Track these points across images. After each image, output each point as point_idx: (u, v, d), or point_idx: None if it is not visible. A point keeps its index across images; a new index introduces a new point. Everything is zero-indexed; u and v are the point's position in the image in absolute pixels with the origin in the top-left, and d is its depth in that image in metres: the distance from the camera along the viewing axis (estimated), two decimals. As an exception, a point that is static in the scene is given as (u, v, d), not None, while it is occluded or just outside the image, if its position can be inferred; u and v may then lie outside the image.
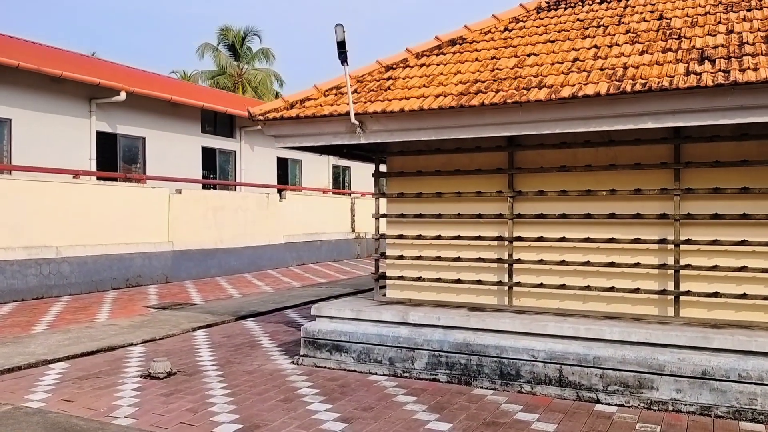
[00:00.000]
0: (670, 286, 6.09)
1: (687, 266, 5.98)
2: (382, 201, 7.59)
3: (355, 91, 6.99)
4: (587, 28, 6.85)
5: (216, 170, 18.99)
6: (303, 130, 6.86)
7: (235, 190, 19.30)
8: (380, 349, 6.63)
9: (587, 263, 6.38)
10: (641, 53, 5.94)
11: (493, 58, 6.80)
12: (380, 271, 7.44)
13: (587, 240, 6.37)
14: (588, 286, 6.38)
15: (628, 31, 6.50)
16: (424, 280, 7.15)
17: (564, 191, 6.45)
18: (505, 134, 5.93)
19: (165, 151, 17.21)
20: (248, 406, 5.52)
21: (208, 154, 18.87)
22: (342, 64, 6.27)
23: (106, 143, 15.61)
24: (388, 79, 7.07)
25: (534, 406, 5.52)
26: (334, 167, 24.27)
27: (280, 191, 19.74)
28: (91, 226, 13.08)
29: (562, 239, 6.48)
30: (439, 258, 7.07)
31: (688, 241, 5.99)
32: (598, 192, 6.31)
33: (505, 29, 7.50)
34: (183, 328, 9.04)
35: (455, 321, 6.37)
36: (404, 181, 7.29)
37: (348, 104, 6.57)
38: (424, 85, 6.62)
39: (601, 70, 5.81)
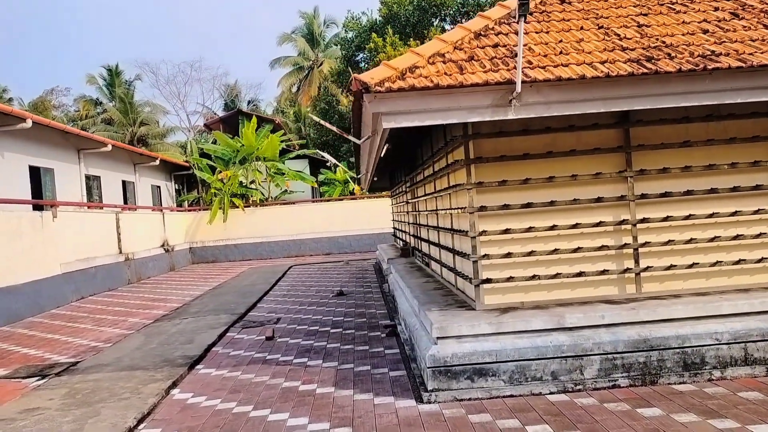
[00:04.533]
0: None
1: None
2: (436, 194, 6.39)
3: (471, 58, 5.76)
4: (673, 5, 6.79)
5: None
6: (430, 104, 5.37)
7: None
8: (539, 363, 5.57)
9: (716, 239, 6.30)
10: None
11: (604, 27, 6.28)
12: (481, 274, 6.26)
13: (714, 215, 6.29)
14: (718, 261, 6.31)
15: (717, 9, 6.62)
16: (540, 278, 6.24)
17: (687, 167, 6.26)
18: (684, 104, 5.49)
19: None
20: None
21: (-48, 164, 13.79)
22: (518, 20, 5.06)
23: None
24: (495, 46, 6.00)
25: (758, 389, 5.23)
26: (87, 177, 20.07)
27: (37, 208, 15.54)
28: None
29: (688, 217, 6.29)
30: (555, 251, 6.24)
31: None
32: (720, 166, 6.28)
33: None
34: (153, 393, 6.38)
35: (622, 317, 5.70)
36: (503, 167, 6.25)
37: (489, 71, 5.39)
38: (561, 52, 5.78)
39: (763, 40, 5.78)
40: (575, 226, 6.24)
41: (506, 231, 6.22)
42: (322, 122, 6.75)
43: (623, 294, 6.32)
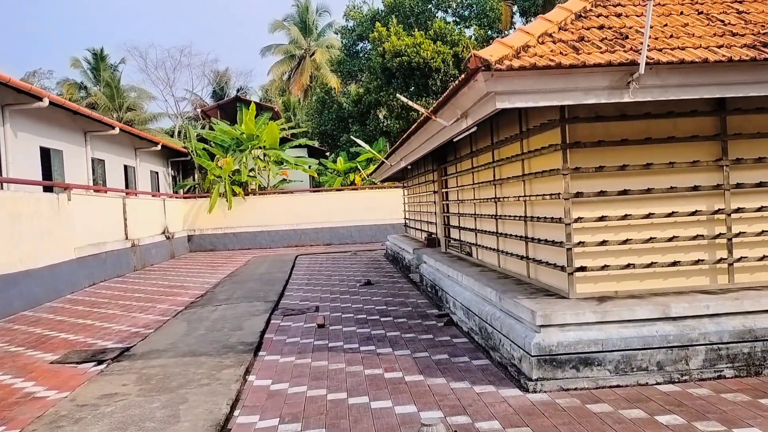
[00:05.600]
0: None
1: None
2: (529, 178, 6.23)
3: (582, 39, 5.61)
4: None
5: (-21, 164, 13.49)
6: (547, 84, 5.21)
7: (2, 188, 14.07)
8: (645, 353, 5.46)
9: (810, 230, 6.24)
10: None
11: (704, 13, 6.17)
12: (575, 262, 6.12)
13: (810, 206, 6.23)
14: (811, 253, 6.25)
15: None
16: (634, 267, 6.13)
17: (783, 157, 6.20)
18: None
19: None
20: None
21: (-31, 142, 13.27)
22: (648, -1, 4.92)
23: None
24: (601, 27, 5.86)
25: None
26: (92, 160, 19.55)
27: (46, 190, 15.10)
28: None
29: (783, 207, 6.23)
30: (651, 239, 6.13)
31: None
32: (819, 157, 6.21)
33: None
34: (232, 379, 6.16)
35: (726, 307, 5.61)
36: (599, 152, 6.12)
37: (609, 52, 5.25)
38: (672, 36, 5.68)
39: None
40: (671, 214, 6.13)
41: (602, 218, 6.09)
42: (411, 103, 6.55)
43: (714, 284, 6.24)
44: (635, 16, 6.16)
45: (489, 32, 30.89)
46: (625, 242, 6.13)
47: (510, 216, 7.92)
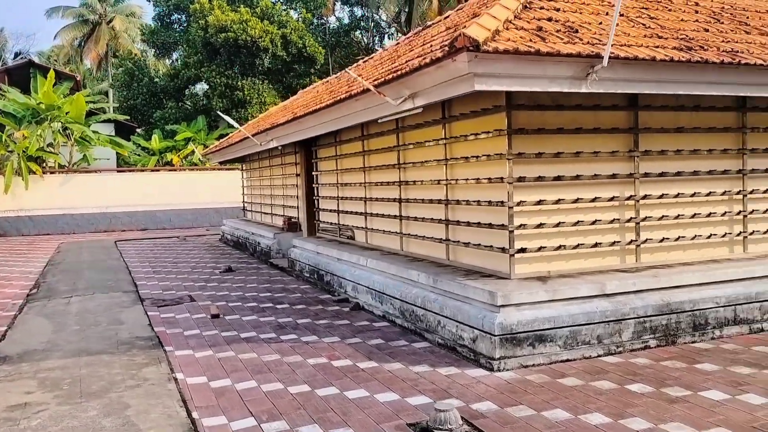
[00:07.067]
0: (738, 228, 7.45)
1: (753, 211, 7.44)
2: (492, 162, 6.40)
3: (540, 29, 5.80)
4: (659, 2, 7.45)
5: None
6: (522, 70, 5.29)
7: None
8: (587, 328, 5.86)
9: (695, 215, 7.13)
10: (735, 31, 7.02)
11: (624, 15, 6.72)
12: (515, 244, 6.33)
13: (695, 195, 7.10)
14: (697, 235, 7.14)
15: (697, 12, 7.44)
16: (565, 248, 6.51)
17: (679, 150, 6.99)
18: (713, 93, 6.15)
19: None
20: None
21: None
22: (618, -5, 5.21)
23: None
24: (550, 20, 6.11)
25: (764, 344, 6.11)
26: None
27: None
28: None
29: (678, 195, 7.02)
30: (578, 222, 6.56)
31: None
32: (701, 151, 7.10)
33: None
34: (162, 378, 5.46)
35: (647, 283, 6.22)
36: (538, 139, 6.38)
37: (572, 44, 5.52)
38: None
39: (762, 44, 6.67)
40: (594, 200, 6.61)
41: (539, 202, 6.38)
42: (356, 76, 6.25)
43: (624, 264, 6.86)
44: (571, 12, 6.50)
45: (312, 17, 30.72)
46: (557, 225, 6.49)
47: (422, 199, 7.96)
